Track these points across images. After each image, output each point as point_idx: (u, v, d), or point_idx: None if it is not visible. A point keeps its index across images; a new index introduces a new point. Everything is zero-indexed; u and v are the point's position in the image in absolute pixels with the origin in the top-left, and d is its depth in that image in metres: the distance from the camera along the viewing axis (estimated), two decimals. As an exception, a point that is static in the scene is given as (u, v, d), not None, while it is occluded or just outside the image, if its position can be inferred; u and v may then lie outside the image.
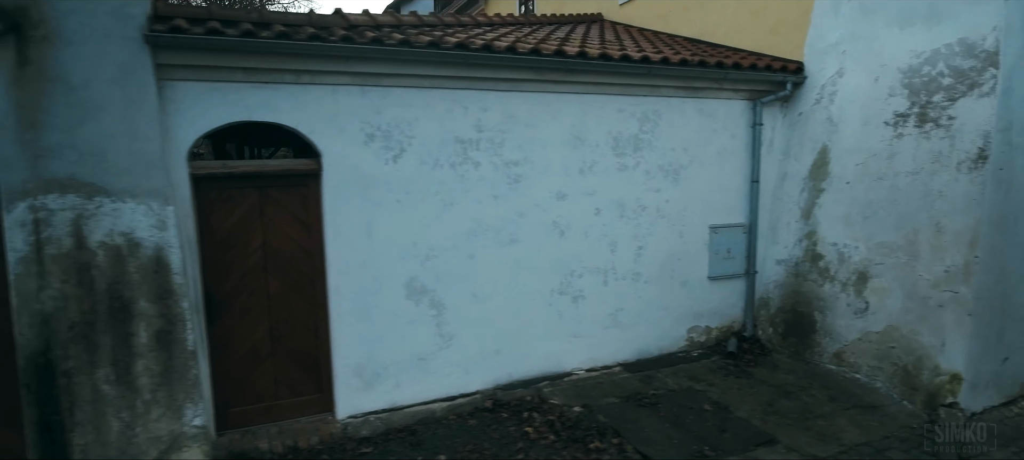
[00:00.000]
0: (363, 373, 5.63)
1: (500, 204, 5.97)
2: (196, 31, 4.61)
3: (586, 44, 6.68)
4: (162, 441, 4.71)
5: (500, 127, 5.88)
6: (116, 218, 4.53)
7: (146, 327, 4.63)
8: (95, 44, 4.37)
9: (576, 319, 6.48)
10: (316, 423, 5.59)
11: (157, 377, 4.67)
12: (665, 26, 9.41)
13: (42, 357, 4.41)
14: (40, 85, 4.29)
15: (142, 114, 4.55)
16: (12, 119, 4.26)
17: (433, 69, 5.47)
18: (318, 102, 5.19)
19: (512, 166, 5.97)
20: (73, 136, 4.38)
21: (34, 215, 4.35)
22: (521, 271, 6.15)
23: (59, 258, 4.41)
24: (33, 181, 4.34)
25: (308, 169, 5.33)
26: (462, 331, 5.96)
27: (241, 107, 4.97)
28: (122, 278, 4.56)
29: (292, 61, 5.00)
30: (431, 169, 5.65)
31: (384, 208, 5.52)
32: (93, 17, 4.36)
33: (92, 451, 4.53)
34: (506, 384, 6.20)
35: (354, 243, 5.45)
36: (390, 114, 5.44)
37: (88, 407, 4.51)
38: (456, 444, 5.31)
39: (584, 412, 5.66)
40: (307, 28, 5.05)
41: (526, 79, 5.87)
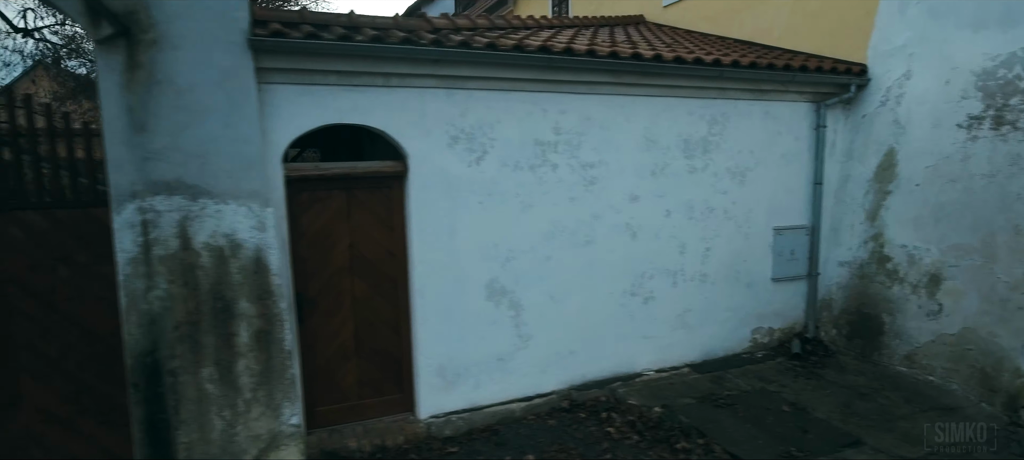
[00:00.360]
0: (445, 373, 5.67)
1: (576, 206, 6.01)
2: (296, 35, 4.68)
3: (650, 46, 6.71)
4: (261, 439, 4.77)
5: (577, 129, 5.92)
6: (219, 219, 4.59)
7: (247, 327, 4.69)
8: (201, 48, 4.43)
9: (646, 320, 6.52)
10: (398, 422, 5.64)
11: (257, 376, 4.73)
12: (713, 28, 9.43)
13: (149, 357, 4.48)
14: (149, 89, 4.35)
15: (244, 117, 4.60)
16: (123, 122, 4.32)
17: (516, 71, 5.52)
18: (405, 105, 5.25)
19: (588, 168, 6.02)
20: (179, 139, 4.44)
21: (142, 216, 4.41)
22: (595, 272, 6.19)
23: (166, 259, 4.47)
24: (142, 183, 4.40)
25: (395, 171, 5.38)
26: (539, 332, 6.00)
27: (333, 110, 5.03)
28: (224, 279, 4.63)
29: (383, 64, 5.05)
30: (512, 171, 5.70)
31: (467, 210, 5.57)
32: (199, 21, 4.41)
33: (196, 449, 4.59)
34: (580, 384, 6.24)
35: (438, 244, 5.50)
36: (474, 116, 5.49)
37: (193, 406, 4.57)
38: (540, 444, 5.35)
39: (665, 413, 5.70)
40: (396, 32, 5.10)
41: (603, 82, 5.92)
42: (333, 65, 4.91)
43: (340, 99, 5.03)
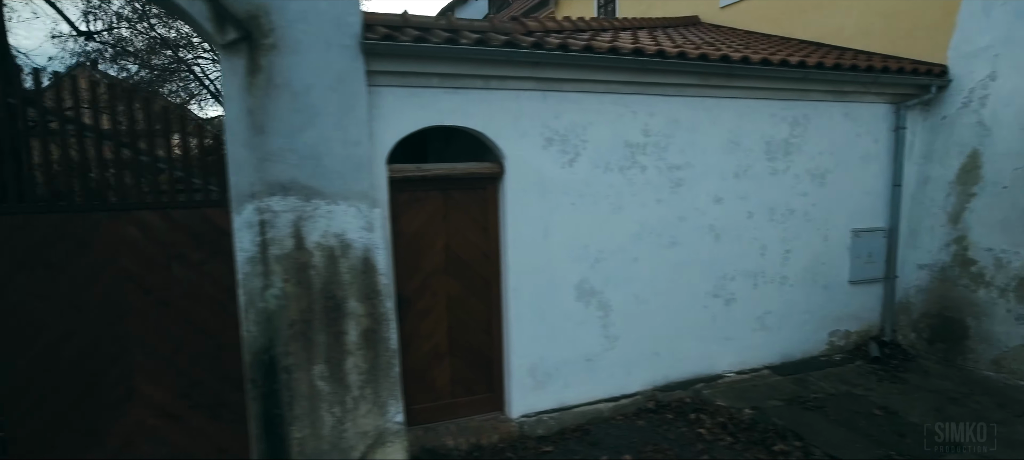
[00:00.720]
0: (536, 373, 5.72)
1: (663, 207, 6.03)
2: (404, 38, 4.75)
3: (729, 48, 6.71)
4: (368, 436, 4.85)
5: (665, 132, 5.94)
6: (330, 220, 4.68)
7: (355, 326, 4.78)
8: (316, 52, 4.52)
9: (727, 322, 6.51)
10: (489, 421, 5.70)
11: (364, 374, 4.82)
12: (776, 29, 9.38)
13: (266, 354, 4.58)
14: (268, 92, 4.45)
15: (354, 119, 4.69)
16: (243, 124, 4.43)
17: (608, 74, 5.55)
18: (503, 106, 5.31)
19: (675, 170, 6.03)
20: (295, 140, 4.54)
21: (260, 216, 4.51)
22: (679, 274, 6.21)
23: (281, 258, 4.57)
24: (260, 184, 4.50)
25: (491, 172, 5.45)
26: (625, 333, 6.03)
27: (434, 111, 5.10)
28: (335, 278, 4.71)
29: (484, 67, 5.11)
30: (603, 173, 5.73)
31: (559, 211, 5.61)
32: (315, 25, 4.50)
33: (308, 445, 4.68)
34: (663, 385, 6.26)
35: (532, 245, 5.56)
36: (567, 118, 5.54)
37: (305, 402, 4.66)
38: (634, 444, 5.38)
39: (756, 414, 5.69)
40: (495, 35, 5.16)
41: (691, 84, 5.93)
42: (437, 67, 4.98)
43: (442, 101, 5.10)
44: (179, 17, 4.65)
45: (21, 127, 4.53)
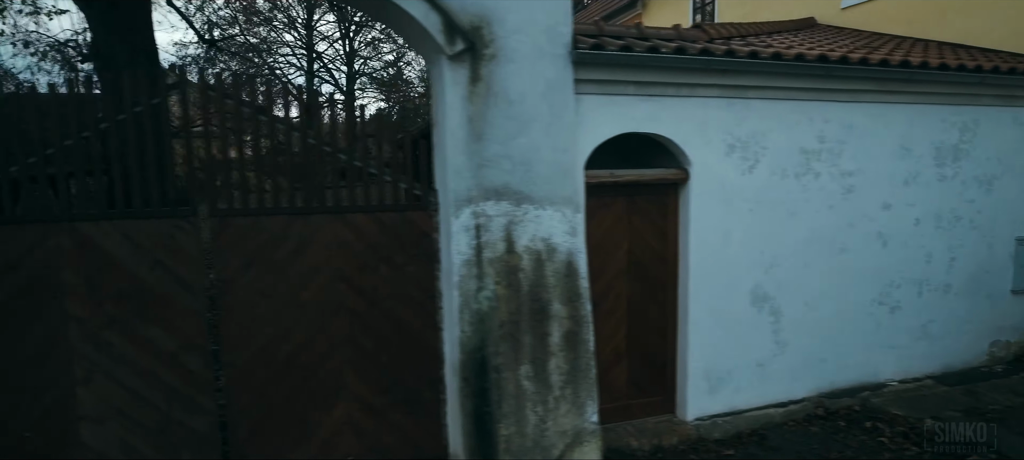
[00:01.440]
0: (710, 377, 5.78)
1: (834, 214, 6.01)
2: (612, 47, 4.85)
3: (897, 54, 6.62)
4: (567, 435, 4.98)
5: (839, 138, 5.91)
6: (538, 224, 4.82)
7: (558, 328, 4.91)
8: (530, 62, 4.66)
9: (891, 330, 6.45)
10: (664, 423, 5.78)
11: (565, 375, 4.95)
12: (910, 30, 9.17)
13: (479, 353, 4.75)
14: (486, 100, 4.61)
15: (562, 126, 4.82)
16: (464, 132, 4.60)
17: (789, 80, 5.56)
18: (691, 114, 5.37)
19: (847, 176, 6.00)
20: (508, 147, 4.69)
21: (476, 221, 4.68)
22: (847, 280, 6.17)
23: (494, 261, 4.73)
24: (476, 189, 4.66)
25: (676, 178, 5.52)
26: (794, 339, 6.03)
27: (629, 119, 5.19)
28: (541, 281, 4.85)
29: (676, 75, 5.19)
30: (779, 179, 5.74)
31: (738, 217, 5.65)
32: (530, 36, 4.65)
33: (514, 442, 4.83)
34: (829, 392, 6.23)
35: (711, 251, 5.61)
36: (749, 126, 5.57)
37: (512, 401, 4.81)
38: (816, 451, 5.38)
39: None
40: (687, 44, 5.22)
41: (867, 89, 5.89)
42: (634, 76, 5.07)
43: (636, 108, 5.20)
44: (407, 31, 4.83)
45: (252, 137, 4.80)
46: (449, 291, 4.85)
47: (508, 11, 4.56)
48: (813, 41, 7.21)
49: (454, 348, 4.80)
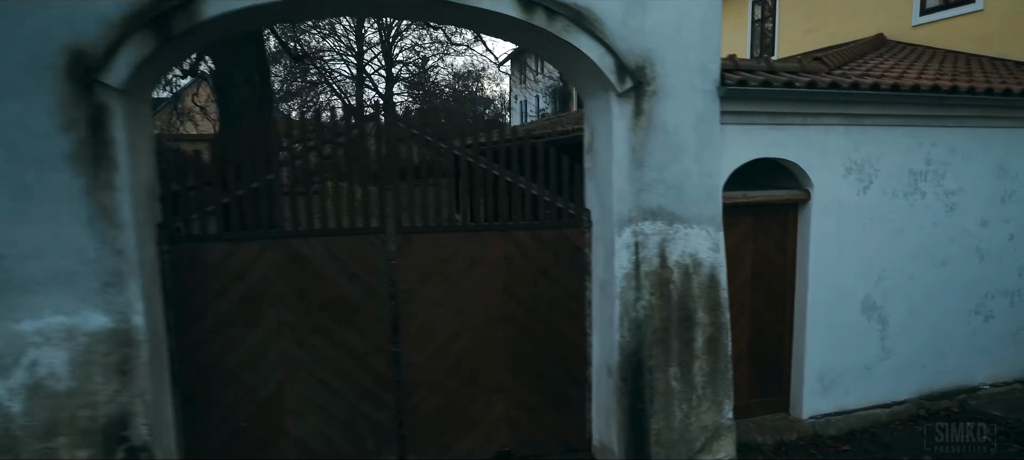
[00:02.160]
0: (823, 379, 6.31)
1: (937, 230, 6.51)
2: (753, 83, 5.40)
3: (976, 78, 7.09)
4: (707, 430, 5.54)
5: (944, 160, 6.41)
6: (686, 242, 5.38)
7: (701, 334, 5.47)
8: (684, 96, 5.22)
9: (986, 337, 6.93)
10: (781, 421, 6.32)
11: (706, 376, 5.51)
12: (981, 48, 9.58)
13: (635, 356, 5.32)
14: (647, 132, 5.18)
15: (710, 154, 5.37)
16: (627, 159, 5.17)
17: (902, 108, 6.07)
18: (814, 140, 5.90)
19: (950, 195, 6.50)
20: (663, 173, 5.25)
21: (635, 238, 5.25)
22: (946, 291, 6.67)
23: (649, 274, 5.30)
24: (636, 210, 5.23)
25: (798, 199, 6.06)
26: (898, 345, 6.55)
27: (761, 145, 5.74)
28: (688, 292, 5.42)
29: (804, 105, 5.72)
30: (890, 199, 6.26)
31: (852, 233, 6.17)
32: (686, 74, 5.20)
33: (662, 435, 5.41)
34: (928, 394, 6.74)
35: (828, 264, 6.14)
36: (864, 150, 6.08)
37: (662, 399, 5.39)
38: (923, 448, 5.91)
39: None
40: (809, 76, 5.75)
41: (969, 115, 6.38)
42: (769, 107, 5.61)
43: (767, 136, 5.74)
44: (575, 71, 5.39)
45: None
46: (607, 301, 5.43)
47: (667, 52, 5.12)
48: (922, 69, 7.68)
49: (612, 352, 5.38)
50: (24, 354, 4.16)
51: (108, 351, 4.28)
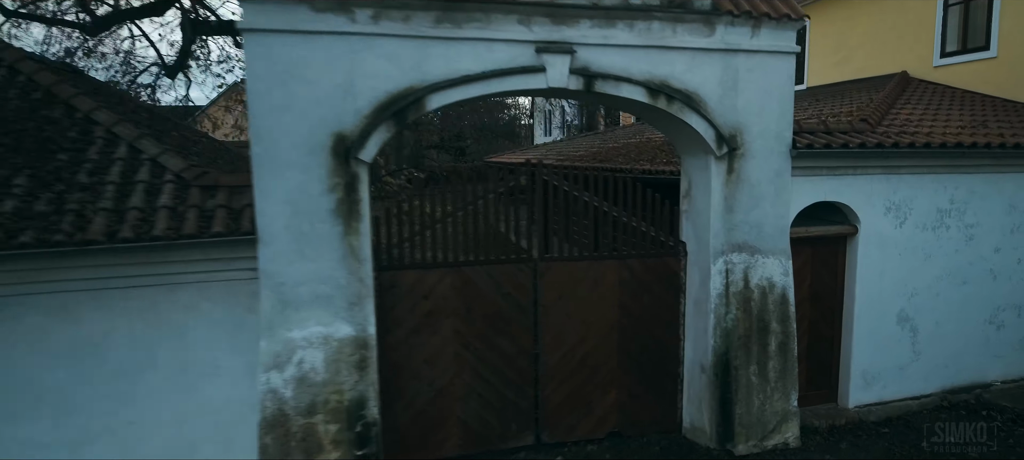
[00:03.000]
0: (866, 376, 7.84)
1: (958, 256, 8.01)
2: (818, 145, 6.91)
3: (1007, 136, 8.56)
4: (777, 415, 7.07)
5: (964, 199, 7.91)
6: (763, 268, 6.90)
7: (774, 340, 7.00)
8: (764, 157, 6.73)
9: (998, 343, 8.43)
10: (831, 409, 7.86)
11: (778, 373, 7.04)
12: (998, 91, 10.93)
13: (724, 357, 6.86)
14: (736, 185, 6.70)
15: (782, 200, 6.89)
16: (721, 206, 6.69)
17: (933, 160, 7.57)
18: (861, 186, 7.41)
19: (969, 228, 8.00)
20: (747, 216, 6.78)
21: (726, 267, 6.78)
22: (965, 305, 8.17)
23: (736, 294, 6.83)
24: (727, 245, 6.76)
25: (847, 233, 7.57)
26: (925, 349, 8.06)
27: (820, 192, 7.26)
28: (765, 308, 6.95)
29: (855, 160, 7.22)
30: (920, 231, 7.76)
31: (890, 260, 7.68)
32: (766, 140, 6.71)
33: (743, 419, 6.93)
34: (949, 389, 8.25)
35: (870, 284, 7.66)
36: (901, 193, 7.59)
37: (744, 390, 6.92)
38: (949, 429, 7.41)
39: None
40: (860, 137, 7.25)
41: (985, 164, 7.87)
42: (828, 163, 7.13)
43: (825, 184, 7.25)
44: (682, 139, 6.90)
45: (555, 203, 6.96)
46: (701, 315, 6.96)
47: (753, 123, 6.64)
48: (946, 119, 9.16)
49: (706, 354, 6.91)
50: (294, 354, 5.73)
51: (351, 353, 5.85)
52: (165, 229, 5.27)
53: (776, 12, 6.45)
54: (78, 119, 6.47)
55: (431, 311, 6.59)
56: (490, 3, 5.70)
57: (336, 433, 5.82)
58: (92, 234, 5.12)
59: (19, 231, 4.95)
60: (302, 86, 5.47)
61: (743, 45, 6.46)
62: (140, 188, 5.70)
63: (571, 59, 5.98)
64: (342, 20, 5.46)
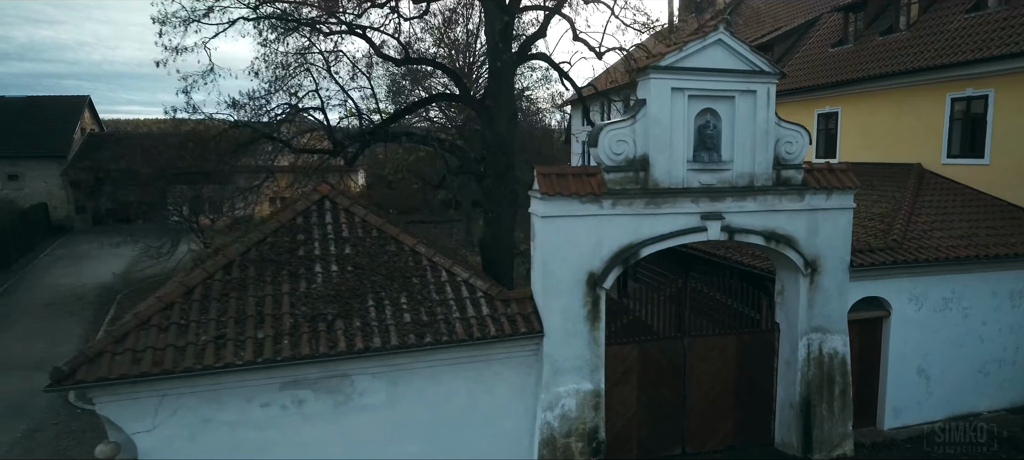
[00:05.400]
0: (895, 409, 11.78)
1: (957, 328, 11.91)
2: (866, 263, 10.84)
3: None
4: (840, 435, 10.99)
5: (961, 291, 11.81)
6: (831, 342, 10.84)
7: (837, 388, 10.93)
8: (832, 272, 10.66)
9: (985, 385, 12.31)
10: (871, 432, 11.78)
11: (840, 408, 10.96)
12: (990, 190, 14.75)
13: (807, 399, 10.79)
14: (814, 292, 10.64)
15: (843, 299, 10.83)
16: (806, 304, 10.63)
17: (939, 267, 11.48)
18: (892, 285, 11.34)
19: (965, 309, 11.90)
20: (821, 309, 10.72)
21: (808, 341, 10.73)
22: (963, 360, 12.05)
23: (813, 358, 10.77)
24: (808, 327, 10.71)
25: (882, 315, 11.51)
26: (936, 390, 11.97)
27: (866, 290, 11.18)
28: (831, 367, 10.88)
29: (889, 269, 11.14)
30: (932, 313, 11.69)
31: (912, 332, 11.61)
32: (834, 261, 10.63)
33: (818, 438, 10.84)
34: (952, 417, 12.14)
35: (898, 349, 11.58)
36: (919, 288, 11.51)
37: (818, 419, 10.84)
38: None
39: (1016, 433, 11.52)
40: (893, 255, 11.18)
41: (975, 267, 11.78)
42: (872, 273, 11.05)
43: (870, 285, 11.18)
44: (781, 263, 10.80)
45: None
46: (790, 371, 10.90)
47: (826, 253, 10.57)
48: (950, 226, 13.02)
49: (794, 396, 10.85)
50: (559, 401, 9.70)
51: (591, 399, 9.82)
52: (494, 331, 9.24)
53: (841, 184, 10.40)
54: (407, 250, 10.42)
55: (626, 370, 10.55)
56: (676, 193, 9.66)
57: (581, 448, 9.79)
58: (457, 335, 9.09)
59: (418, 335, 8.87)
60: (572, 246, 9.44)
61: (821, 205, 10.40)
62: (467, 302, 9.66)
63: (721, 221, 9.94)
64: (595, 207, 9.43)
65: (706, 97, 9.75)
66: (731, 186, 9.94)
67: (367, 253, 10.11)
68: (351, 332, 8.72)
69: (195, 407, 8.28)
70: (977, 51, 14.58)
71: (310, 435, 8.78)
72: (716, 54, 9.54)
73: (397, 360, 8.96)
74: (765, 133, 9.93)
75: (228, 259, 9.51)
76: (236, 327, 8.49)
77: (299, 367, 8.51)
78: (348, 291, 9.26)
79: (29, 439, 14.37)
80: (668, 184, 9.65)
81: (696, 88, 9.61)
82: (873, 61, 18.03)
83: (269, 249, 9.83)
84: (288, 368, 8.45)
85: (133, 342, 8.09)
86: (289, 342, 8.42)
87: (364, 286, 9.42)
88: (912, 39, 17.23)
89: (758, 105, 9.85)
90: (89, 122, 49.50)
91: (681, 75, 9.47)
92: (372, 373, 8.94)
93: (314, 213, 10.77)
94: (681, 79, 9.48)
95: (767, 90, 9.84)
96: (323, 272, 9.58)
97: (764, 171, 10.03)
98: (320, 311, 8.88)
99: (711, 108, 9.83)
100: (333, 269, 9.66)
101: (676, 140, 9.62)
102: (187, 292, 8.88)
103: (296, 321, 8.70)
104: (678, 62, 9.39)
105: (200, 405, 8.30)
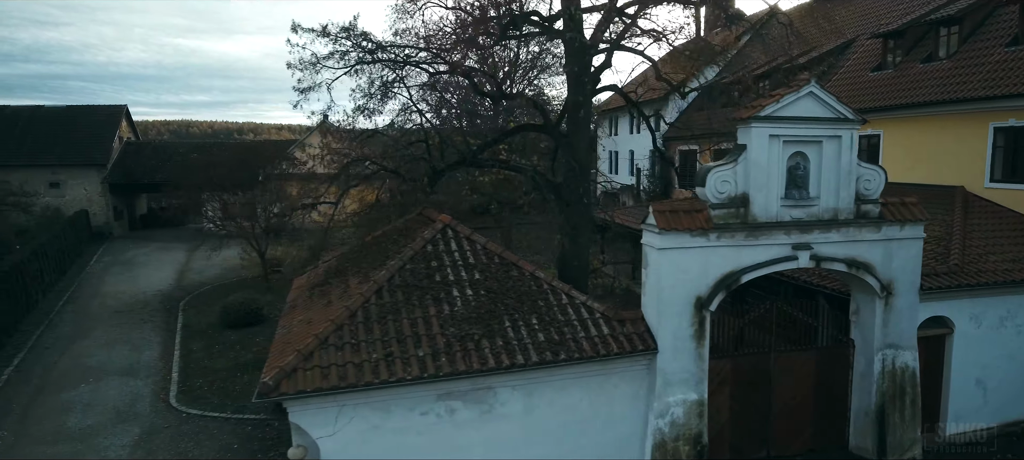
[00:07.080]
0: (956, 416, 13.03)
1: (1011, 343, 13.16)
2: (933, 286, 12.12)
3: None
4: (910, 440, 12.27)
5: (1015, 310, 13.07)
6: (902, 357, 12.11)
7: (908, 397, 12.20)
8: (904, 295, 11.92)
9: (1034, 394, 13.62)
10: (934, 437, 13.06)
11: (909, 415, 12.23)
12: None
13: (881, 406, 12.07)
14: (888, 310, 11.91)
15: (914, 318, 12.08)
16: (880, 322, 11.89)
17: (997, 289, 12.75)
18: (954, 305, 12.61)
19: (1018, 326, 13.16)
20: (895, 327, 12.00)
21: (882, 357, 12.01)
22: (1016, 372, 13.29)
23: (887, 372, 12.05)
24: (882, 344, 11.99)
25: (946, 332, 12.78)
26: (991, 398, 13.23)
27: (933, 310, 12.45)
28: (903, 380, 12.15)
29: (952, 292, 12.42)
30: (989, 330, 12.95)
31: (973, 347, 12.88)
32: (905, 284, 11.91)
33: (891, 442, 12.12)
34: (1006, 423, 13.41)
35: (960, 362, 12.86)
36: (978, 307, 12.77)
37: (891, 426, 12.11)
38: (1010, 449, 12.61)
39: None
40: (956, 278, 12.46)
41: (1029, 288, 13.07)
42: (938, 295, 12.33)
43: (935, 306, 12.46)
44: (862, 285, 12.06)
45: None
46: (865, 382, 12.17)
47: (899, 276, 11.83)
48: (998, 249, 14.28)
49: (869, 404, 12.12)
50: (669, 410, 11.00)
51: (697, 408, 11.12)
52: (616, 349, 10.54)
53: (913, 216, 11.68)
54: (527, 275, 11.72)
55: (721, 380, 11.84)
56: (772, 226, 10.96)
57: (688, 451, 11.09)
58: (585, 352, 10.39)
59: (553, 352, 10.17)
60: (682, 274, 10.73)
61: (895, 235, 11.68)
62: (589, 322, 10.95)
63: (810, 251, 11.22)
64: (702, 239, 10.71)
65: (797, 141, 11.03)
66: (818, 220, 11.22)
67: (495, 278, 11.39)
68: (495, 350, 10.01)
69: (367, 415, 9.57)
70: (1019, 85, 15.82)
71: (460, 440, 10.07)
72: (807, 104, 10.82)
73: (532, 374, 10.24)
74: (848, 173, 11.21)
75: (378, 285, 10.81)
76: (400, 346, 9.78)
77: (453, 381, 9.80)
78: (487, 313, 10.55)
79: (149, 441, 15.61)
80: (765, 218, 10.93)
81: (789, 134, 10.89)
82: (916, 88, 19.26)
83: (410, 275, 11.13)
84: (444, 382, 9.73)
85: (319, 359, 9.39)
86: (446, 359, 9.72)
87: (499, 308, 10.71)
88: (954, 69, 18.45)
89: (842, 148, 11.14)
90: (126, 130, 50.87)
91: (777, 124, 10.75)
92: (512, 386, 10.22)
93: (440, 241, 12.06)
94: (777, 127, 10.76)
95: (851, 135, 11.12)
96: (461, 296, 10.88)
97: (847, 206, 11.31)
98: (467, 331, 10.16)
99: (801, 151, 11.10)
100: (468, 293, 10.96)
101: (771, 180, 10.91)
102: (351, 314, 10.18)
103: (448, 340, 10.00)
104: (775, 112, 10.68)
105: (371, 413, 9.58)
